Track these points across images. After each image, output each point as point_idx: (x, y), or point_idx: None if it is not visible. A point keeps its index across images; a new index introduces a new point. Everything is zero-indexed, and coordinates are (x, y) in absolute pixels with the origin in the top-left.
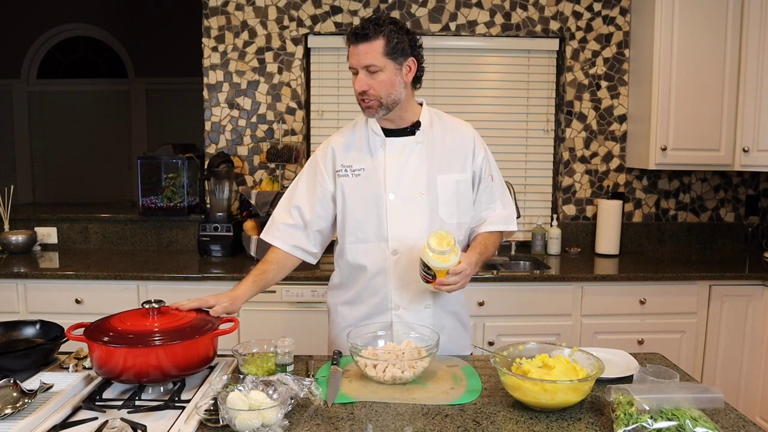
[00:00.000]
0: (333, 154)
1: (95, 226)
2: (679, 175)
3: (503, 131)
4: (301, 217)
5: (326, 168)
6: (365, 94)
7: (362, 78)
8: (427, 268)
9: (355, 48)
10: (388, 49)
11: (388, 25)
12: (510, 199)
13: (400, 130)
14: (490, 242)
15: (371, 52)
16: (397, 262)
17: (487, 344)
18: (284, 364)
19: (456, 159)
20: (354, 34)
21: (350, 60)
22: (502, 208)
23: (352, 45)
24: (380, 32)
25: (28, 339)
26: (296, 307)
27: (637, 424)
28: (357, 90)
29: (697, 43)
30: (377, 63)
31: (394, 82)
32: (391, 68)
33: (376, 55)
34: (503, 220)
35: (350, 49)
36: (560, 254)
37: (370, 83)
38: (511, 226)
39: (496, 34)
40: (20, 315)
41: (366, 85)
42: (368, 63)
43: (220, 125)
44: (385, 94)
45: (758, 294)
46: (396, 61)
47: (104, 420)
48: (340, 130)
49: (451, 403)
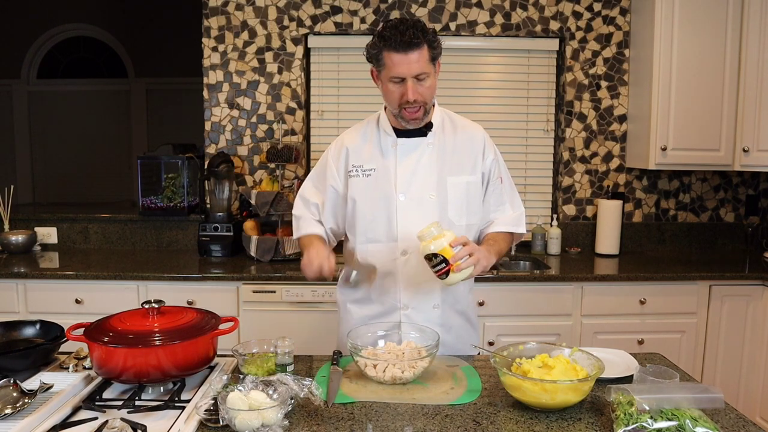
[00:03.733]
0: (346, 155)
1: (95, 226)
2: (679, 175)
3: (503, 131)
4: (319, 213)
5: (338, 170)
6: (414, 102)
7: (413, 87)
8: (435, 259)
9: (404, 56)
10: (432, 54)
11: (429, 30)
12: (520, 201)
13: (411, 131)
14: (500, 238)
15: (422, 60)
16: (407, 263)
17: (487, 344)
18: (284, 364)
19: (466, 161)
20: (402, 42)
21: (396, 68)
22: (512, 210)
23: (399, 53)
24: (426, 38)
25: (28, 339)
26: (296, 307)
27: (637, 424)
28: (409, 99)
29: (697, 43)
30: (427, 70)
31: (435, 86)
32: (433, 73)
33: (425, 61)
34: (513, 222)
35: (395, 57)
36: (560, 254)
37: (420, 91)
38: (520, 228)
39: (496, 34)
40: (20, 315)
41: (418, 94)
42: (420, 71)
43: (220, 125)
44: (430, 99)
45: (758, 294)
46: (434, 64)
47: (104, 420)
48: (351, 129)
49: (451, 403)
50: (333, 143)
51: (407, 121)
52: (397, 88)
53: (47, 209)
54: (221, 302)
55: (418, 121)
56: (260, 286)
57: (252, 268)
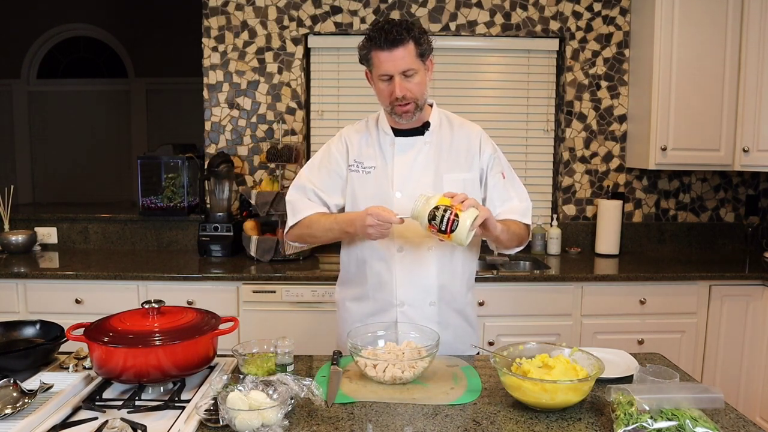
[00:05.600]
0: (347, 148)
1: (95, 226)
2: (679, 175)
3: (503, 131)
4: (320, 199)
5: (342, 159)
6: (404, 98)
7: (401, 83)
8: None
9: (389, 54)
10: (419, 50)
11: (415, 28)
12: (526, 194)
13: (409, 130)
14: (510, 221)
15: (408, 56)
16: (403, 259)
17: (487, 344)
18: (284, 364)
19: (463, 158)
20: (386, 41)
21: (383, 66)
22: (519, 202)
23: (384, 51)
24: (411, 35)
25: (28, 339)
26: (296, 307)
27: (637, 424)
28: (397, 95)
29: (697, 43)
30: (414, 66)
31: (425, 83)
32: (422, 69)
33: (412, 58)
34: (519, 212)
35: (381, 55)
36: (560, 254)
37: (408, 87)
38: (526, 218)
39: (496, 34)
40: (20, 315)
41: (405, 90)
42: (407, 67)
43: (220, 125)
44: (420, 96)
45: (758, 294)
46: (424, 62)
47: (104, 420)
48: (352, 126)
49: (451, 403)
50: (333, 138)
51: (399, 116)
52: (386, 86)
53: (47, 209)
54: (221, 302)
55: (410, 115)
56: (260, 286)
57: (252, 268)
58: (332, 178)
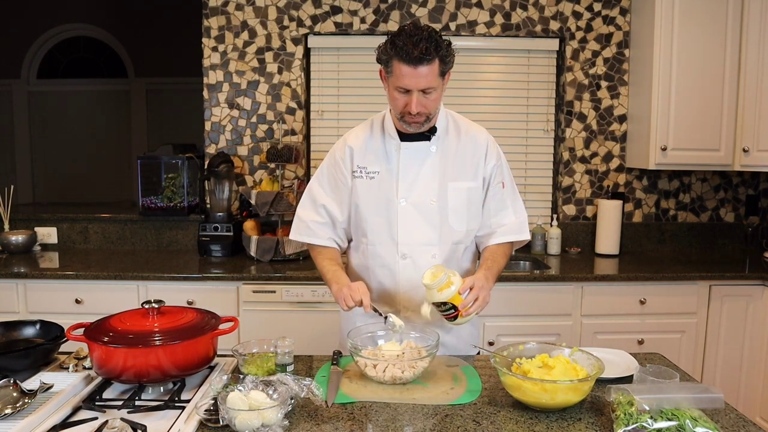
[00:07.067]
0: (351, 155)
1: (95, 226)
2: (679, 175)
3: (503, 131)
4: (328, 215)
5: (346, 168)
6: (418, 114)
7: (418, 100)
8: (444, 306)
9: (413, 70)
10: (443, 68)
11: (443, 44)
12: (523, 207)
13: (415, 135)
14: (500, 254)
15: (431, 75)
16: (406, 267)
17: (487, 344)
18: (284, 364)
19: (468, 166)
20: (413, 58)
21: (403, 80)
22: (514, 216)
23: (409, 66)
24: (438, 54)
25: (28, 339)
26: (296, 307)
27: (637, 424)
28: (411, 111)
29: (697, 43)
30: (434, 84)
31: (441, 97)
32: (441, 85)
33: (434, 76)
34: (515, 229)
35: (404, 69)
36: (560, 254)
37: (424, 103)
38: (523, 235)
39: (496, 34)
40: (20, 315)
41: (422, 107)
42: (428, 86)
43: (220, 125)
44: (434, 110)
45: (758, 294)
46: (443, 77)
47: (104, 420)
48: (355, 129)
49: (451, 403)
50: (337, 143)
51: (408, 125)
52: (402, 98)
53: (47, 209)
54: (221, 302)
55: (419, 125)
56: (260, 286)
57: (252, 268)
58: (339, 190)
